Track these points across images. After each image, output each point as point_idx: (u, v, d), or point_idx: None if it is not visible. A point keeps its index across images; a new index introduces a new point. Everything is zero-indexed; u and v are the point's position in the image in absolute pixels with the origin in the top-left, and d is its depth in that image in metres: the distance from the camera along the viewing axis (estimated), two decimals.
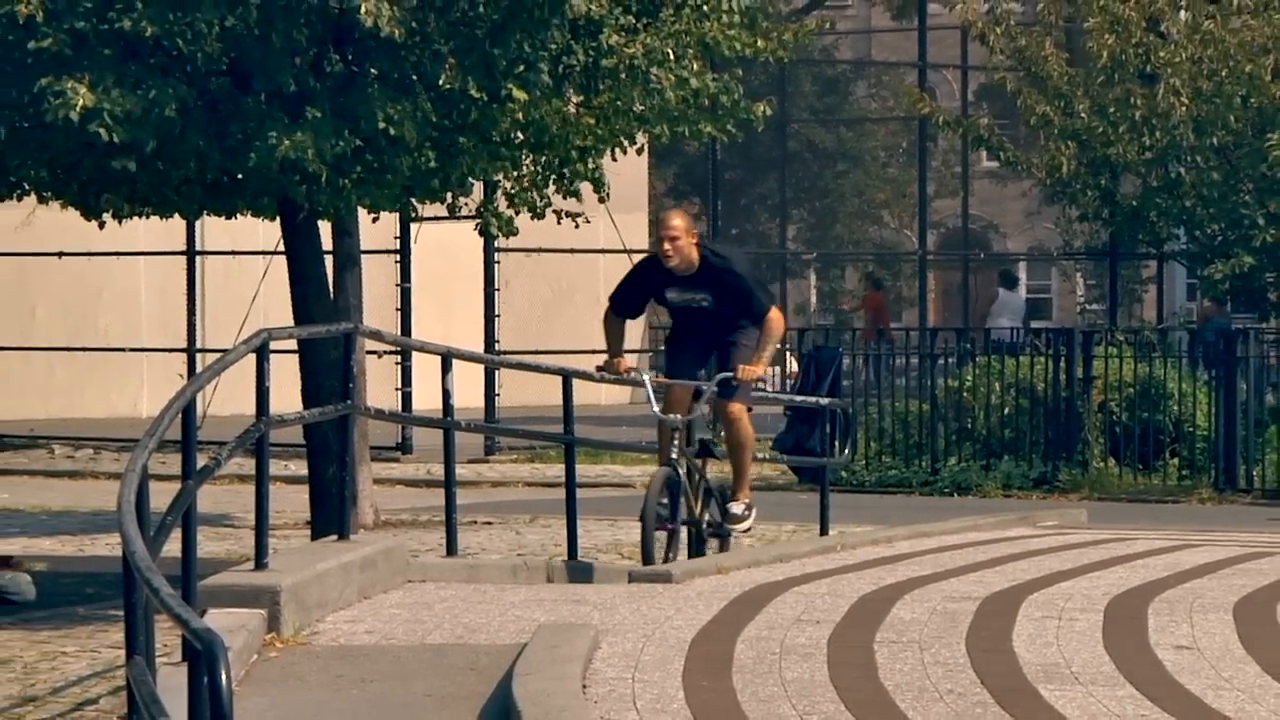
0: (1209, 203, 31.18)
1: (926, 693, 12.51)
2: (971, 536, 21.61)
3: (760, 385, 17.37)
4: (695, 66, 20.00)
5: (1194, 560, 19.24)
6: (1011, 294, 44.42)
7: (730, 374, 16.13)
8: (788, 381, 38.45)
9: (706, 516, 17.11)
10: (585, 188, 21.47)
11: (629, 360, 16.98)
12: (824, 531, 21.48)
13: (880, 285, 48.20)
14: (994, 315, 42.14)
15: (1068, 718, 11.88)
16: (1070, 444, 29.39)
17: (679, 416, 16.21)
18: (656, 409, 16.27)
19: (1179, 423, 29.41)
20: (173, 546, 12.07)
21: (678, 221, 16.22)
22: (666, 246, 15.97)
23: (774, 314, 16.47)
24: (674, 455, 16.12)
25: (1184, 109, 30.87)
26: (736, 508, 16.99)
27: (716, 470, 17.78)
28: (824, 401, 27.11)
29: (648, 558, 16.70)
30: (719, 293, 16.16)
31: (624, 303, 17.17)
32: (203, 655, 7.63)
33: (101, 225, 20.93)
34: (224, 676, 7.52)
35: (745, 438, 16.92)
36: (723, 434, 17.58)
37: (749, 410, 17.06)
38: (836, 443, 27.74)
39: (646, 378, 16.49)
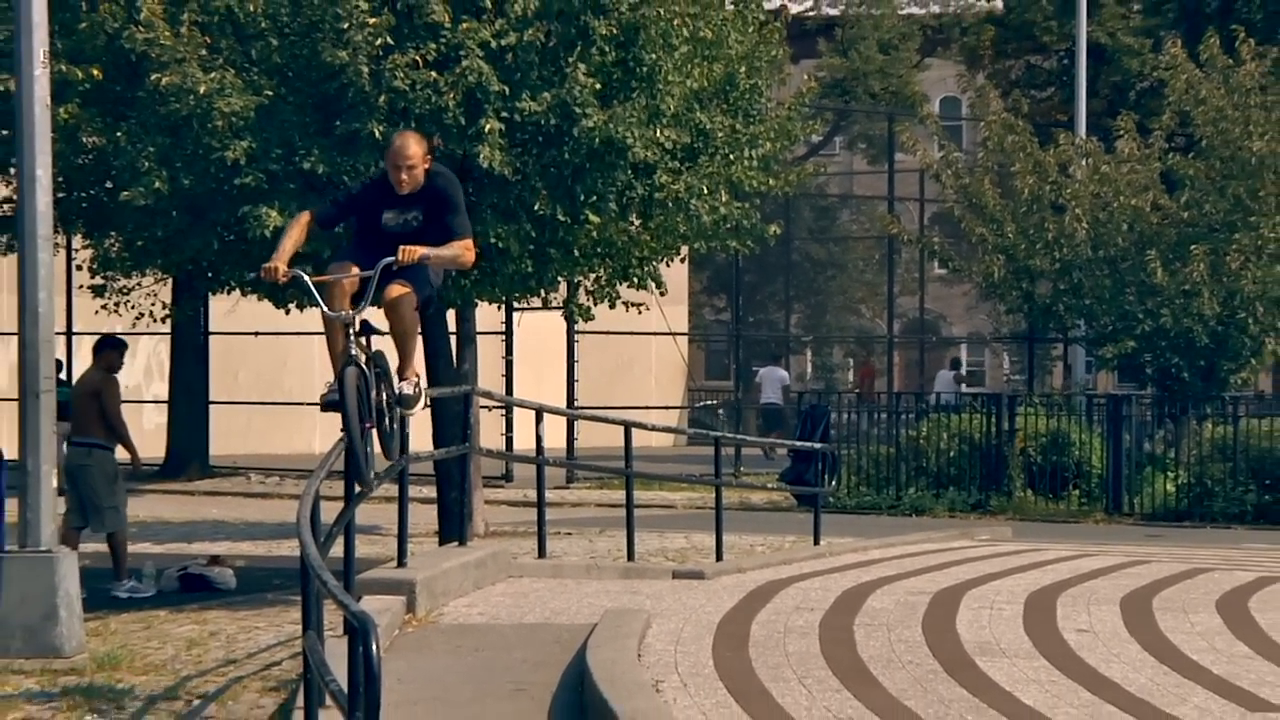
0: (1102, 302, 31.12)
1: (893, 663, 12.48)
2: (926, 547, 21.56)
3: (426, 259, 11.73)
4: (724, 198, 20.00)
5: (1091, 566, 19.18)
6: (946, 373, 44.35)
7: (392, 259, 11.54)
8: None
9: (384, 396, 12.47)
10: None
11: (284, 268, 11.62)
12: (816, 542, 21.44)
13: (870, 360, 48.27)
14: (935, 386, 42.18)
15: (997, 682, 11.85)
16: (999, 478, 29.30)
17: (349, 312, 11.68)
18: (325, 309, 11.70)
19: (1080, 463, 29.32)
20: (336, 550, 12.09)
21: (415, 150, 11.69)
22: (403, 176, 11.62)
23: (467, 241, 11.98)
24: (353, 352, 11.73)
25: (1084, 231, 30.84)
26: (406, 387, 12.52)
27: None
28: (817, 446, 27.15)
29: (360, 474, 12.09)
30: (430, 209, 11.82)
31: (334, 220, 12.41)
32: (359, 631, 7.63)
33: (287, 312, 20.99)
34: (374, 647, 7.52)
35: (407, 325, 12.15)
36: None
37: (420, 299, 12.09)
38: (826, 476, 27.76)
39: (305, 276, 11.60)
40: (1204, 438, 29.06)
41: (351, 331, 11.71)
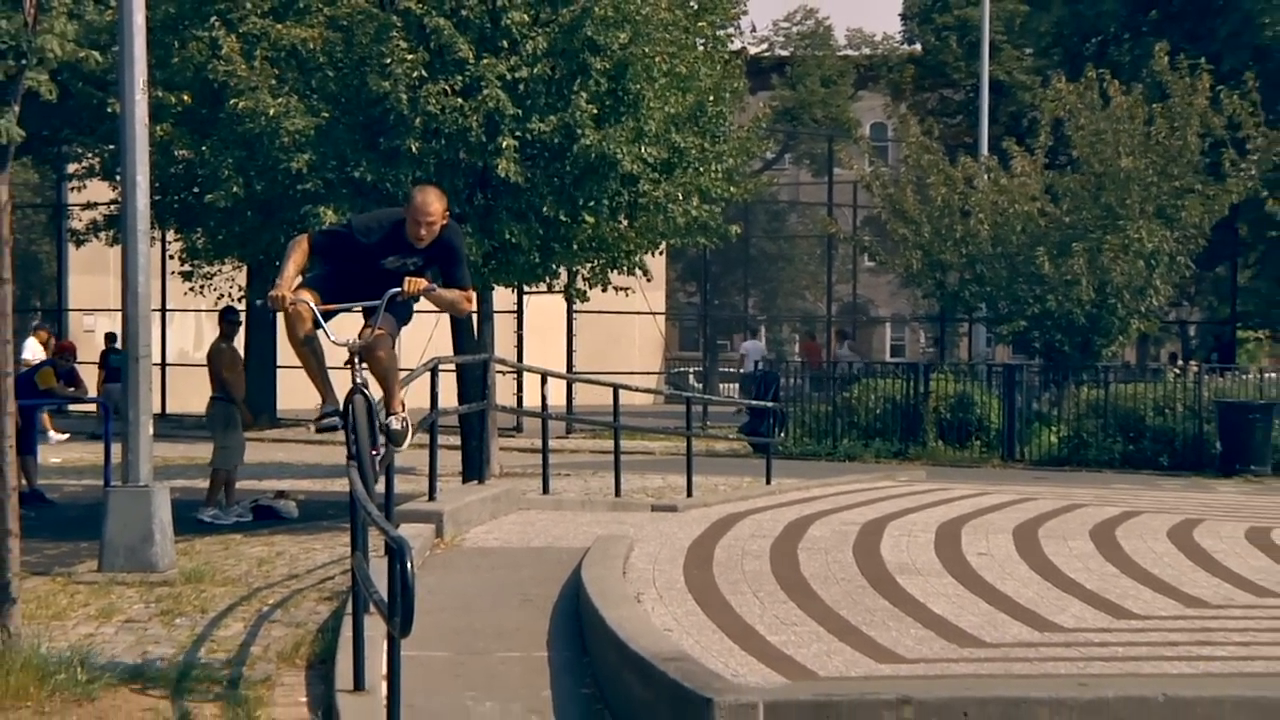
0: (1000, 289, 31.14)
1: (829, 579, 12.48)
2: (856, 486, 21.57)
3: (430, 291, 9.67)
4: (695, 202, 19.98)
5: (989, 502, 19.20)
6: (843, 345, 43.73)
7: (398, 289, 9.65)
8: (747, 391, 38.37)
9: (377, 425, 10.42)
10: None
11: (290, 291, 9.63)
12: (768, 482, 21.45)
13: (813, 337, 48.07)
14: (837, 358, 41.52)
15: (913, 595, 11.86)
16: (916, 431, 29.31)
17: (357, 340, 9.84)
18: (334, 336, 9.83)
19: (981, 419, 29.33)
20: (379, 487, 12.07)
21: (436, 207, 9.64)
22: (423, 232, 9.61)
23: (470, 293, 10.04)
24: (358, 380, 9.95)
25: (985, 232, 30.85)
26: (394, 423, 10.37)
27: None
28: (769, 404, 27.19)
29: (369, 490, 9.72)
30: (432, 257, 9.78)
31: (328, 253, 9.94)
32: (397, 552, 7.62)
33: None
34: (409, 565, 7.50)
35: (386, 365, 10.07)
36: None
37: (392, 340, 10.00)
38: (776, 429, 27.77)
39: (311, 303, 9.64)
40: (1081, 399, 29.10)
41: (356, 360, 9.90)
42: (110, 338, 31.32)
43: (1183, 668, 9.59)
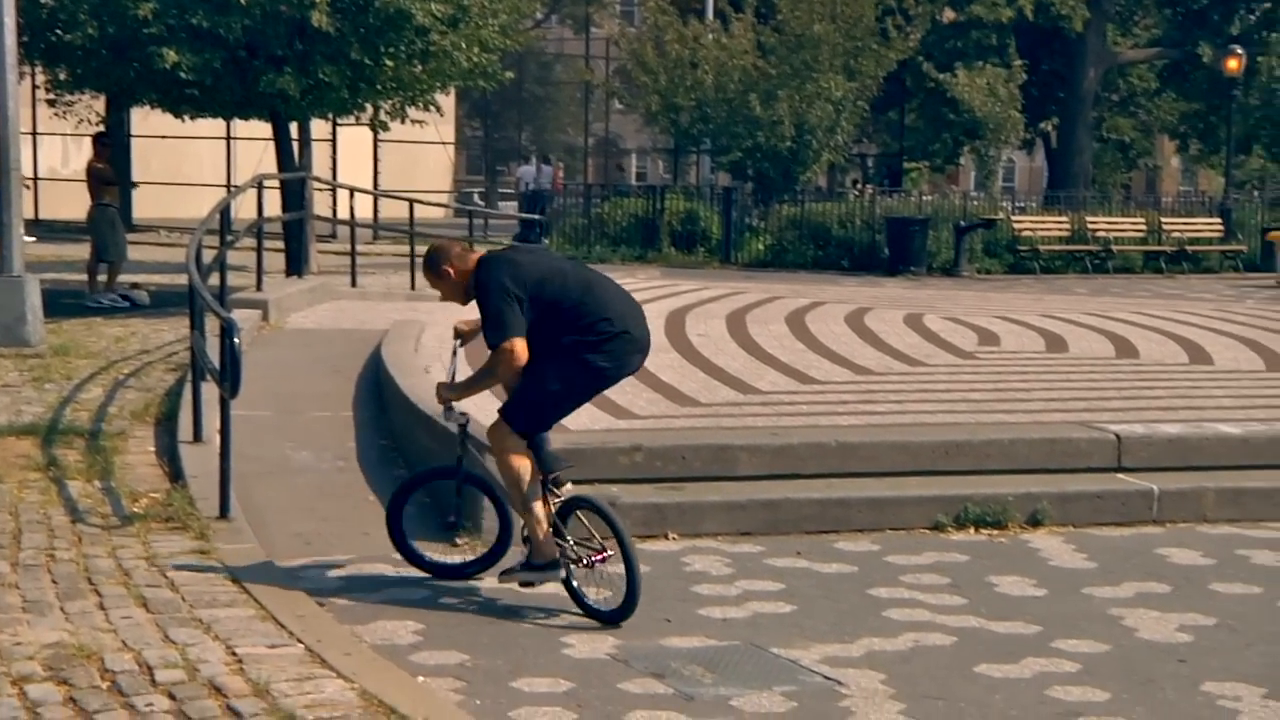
0: (721, 127, 31.22)
1: None
2: None
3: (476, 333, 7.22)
4: (476, 51, 19.60)
5: (709, 295, 19.38)
6: (546, 167, 42.39)
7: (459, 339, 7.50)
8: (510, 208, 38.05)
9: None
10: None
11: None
12: None
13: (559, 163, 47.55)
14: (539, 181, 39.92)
15: (648, 369, 11.94)
16: (654, 239, 29.44)
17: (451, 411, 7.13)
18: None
19: (705, 230, 29.54)
20: (215, 280, 11.80)
21: (428, 274, 7.06)
22: (437, 290, 7.12)
23: (498, 349, 6.68)
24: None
25: (710, 81, 30.83)
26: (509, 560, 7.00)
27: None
28: (537, 217, 27.04)
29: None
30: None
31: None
32: (227, 329, 7.47)
33: (182, 120, 20.23)
34: (236, 339, 7.36)
35: (502, 474, 6.80)
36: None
37: (511, 442, 6.75)
38: (543, 237, 27.66)
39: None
40: (783, 215, 29.47)
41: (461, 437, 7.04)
42: None
43: (852, 420, 9.87)
